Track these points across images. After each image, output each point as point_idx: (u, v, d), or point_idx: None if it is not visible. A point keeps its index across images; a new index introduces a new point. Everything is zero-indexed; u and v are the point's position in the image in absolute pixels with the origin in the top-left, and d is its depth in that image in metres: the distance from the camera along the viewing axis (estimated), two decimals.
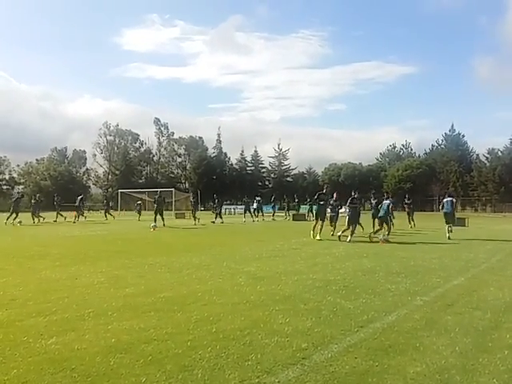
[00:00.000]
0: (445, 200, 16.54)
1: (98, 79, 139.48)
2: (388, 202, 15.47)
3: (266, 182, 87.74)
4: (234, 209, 52.54)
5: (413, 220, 22.41)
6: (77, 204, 30.02)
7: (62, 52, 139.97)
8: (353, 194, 15.57)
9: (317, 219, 15.47)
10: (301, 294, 6.38)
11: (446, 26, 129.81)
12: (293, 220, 30.57)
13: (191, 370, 3.59)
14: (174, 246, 13.43)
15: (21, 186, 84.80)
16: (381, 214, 15.45)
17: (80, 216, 29.42)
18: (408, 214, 23.06)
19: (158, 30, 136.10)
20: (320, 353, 3.99)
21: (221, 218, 27.50)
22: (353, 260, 9.99)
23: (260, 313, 5.32)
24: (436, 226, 19.95)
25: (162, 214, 23.24)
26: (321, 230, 15.16)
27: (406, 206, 24.16)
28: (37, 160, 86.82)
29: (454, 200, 16.79)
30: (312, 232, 15.27)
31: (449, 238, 15.12)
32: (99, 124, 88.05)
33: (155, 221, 21.73)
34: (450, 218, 15.89)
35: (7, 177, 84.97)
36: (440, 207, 16.92)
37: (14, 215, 25.26)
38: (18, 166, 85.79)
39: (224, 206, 38.19)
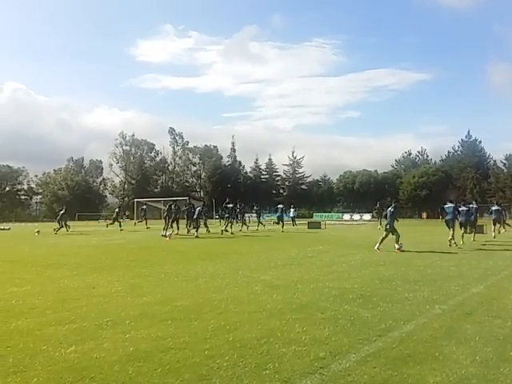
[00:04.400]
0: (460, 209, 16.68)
1: (114, 90, 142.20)
2: (476, 206, 16.89)
3: (281, 190, 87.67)
4: (249, 217, 52.59)
5: None
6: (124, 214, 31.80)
7: (79, 64, 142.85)
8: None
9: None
10: (317, 303, 6.35)
11: (459, 33, 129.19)
12: (308, 228, 30.41)
13: (209, 379, 3.59)
14: (190, 255, 13.47)
15: (39, 196, 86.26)
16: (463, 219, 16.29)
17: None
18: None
19: (173, 41, 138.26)
20: (338, 362, 3.96)
21: (231, 226, 27.41)
22: (369, 268, 9.91)
23: (277, 322, 5.30)
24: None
25: (173, 222, 23.07)
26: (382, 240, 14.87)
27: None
28: (54, 170, 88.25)
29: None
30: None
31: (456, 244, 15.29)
32: (116, 134, 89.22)
33: (175, 228, 22.01)
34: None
35: (25, 187, 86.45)
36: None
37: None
38: (36, 176, 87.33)
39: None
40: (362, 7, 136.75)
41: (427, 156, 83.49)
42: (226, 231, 23.69)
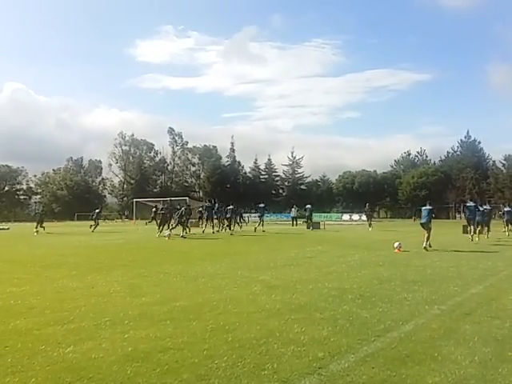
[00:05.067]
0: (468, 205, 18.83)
1: (114, 90, 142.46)
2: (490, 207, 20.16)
3: (280, 191, 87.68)
4: (248, 217, 53.04)
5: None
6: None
7: (79, 64, 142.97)
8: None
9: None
10: (316, 303, 6.35)
11: (459, 33, 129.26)
12: (307, 228, 30.39)
13: (208, 380, 3.59)
14: (189, 255, 13.47)
15: (38, 196, 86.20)
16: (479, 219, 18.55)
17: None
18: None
19: (172, 41, 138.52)
20: (337, 362, 3.96)
21: (235, 225, 27.38)
22: (368, 268, 9.91)
23: (276, 322, 5.30)
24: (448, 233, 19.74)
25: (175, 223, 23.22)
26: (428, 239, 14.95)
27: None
28: (53, 170, 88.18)
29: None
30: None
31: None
32: (115, 134, 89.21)
33: (170, 230, 21.86)
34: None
35: (24, 187, 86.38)
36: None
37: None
38: (35, 176, 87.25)
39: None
40: (362, 8, 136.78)
41: (426, 156, 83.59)
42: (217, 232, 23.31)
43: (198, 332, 4.88)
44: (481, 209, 19.14)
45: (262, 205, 26.28)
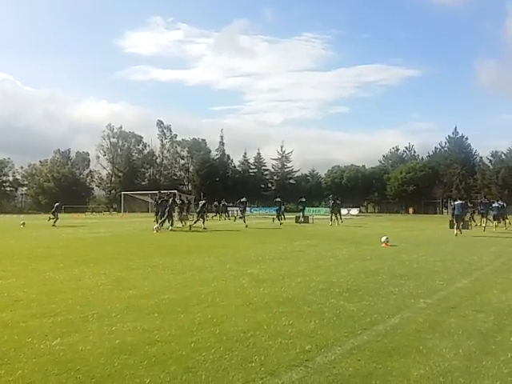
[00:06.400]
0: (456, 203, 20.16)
1: (102, 82, 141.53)
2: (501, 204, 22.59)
3: (269, 185, 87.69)
4: (237, 211, 53.33)
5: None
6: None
7: (67, 55, 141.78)
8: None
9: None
10: (304, 296, 6.38)
11: (449, 30, 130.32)
12: (295, 222, 30.49)
13: (195, 372, 3.60)
14: (177, 248, 13.44)
15: (24, 188, 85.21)
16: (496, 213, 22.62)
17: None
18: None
19: (162, 33, 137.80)
20: (323, 355, 3.99)
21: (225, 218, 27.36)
22: (356, 262, 9.98)
23: (263, 315, 5.33)
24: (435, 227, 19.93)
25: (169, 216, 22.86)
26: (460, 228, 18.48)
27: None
28: (40, 162, 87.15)
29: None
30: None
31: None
32: (103, 126, 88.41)
33: (158, 222, 21.76)
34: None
35: (11, 178, 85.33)
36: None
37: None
38: (22, 167, 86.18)
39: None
40: (353, 3, 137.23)
41: (414, 152, 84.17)
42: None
43: (185, 325, 4.89)
44: (496, 205, 22.70)
45: (202, 201, 25.53)
